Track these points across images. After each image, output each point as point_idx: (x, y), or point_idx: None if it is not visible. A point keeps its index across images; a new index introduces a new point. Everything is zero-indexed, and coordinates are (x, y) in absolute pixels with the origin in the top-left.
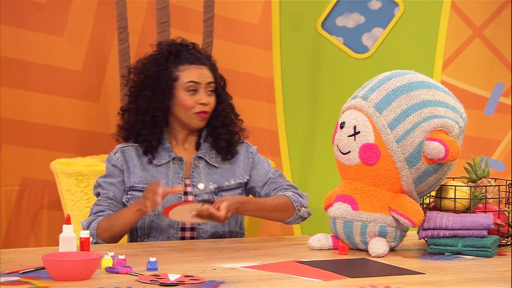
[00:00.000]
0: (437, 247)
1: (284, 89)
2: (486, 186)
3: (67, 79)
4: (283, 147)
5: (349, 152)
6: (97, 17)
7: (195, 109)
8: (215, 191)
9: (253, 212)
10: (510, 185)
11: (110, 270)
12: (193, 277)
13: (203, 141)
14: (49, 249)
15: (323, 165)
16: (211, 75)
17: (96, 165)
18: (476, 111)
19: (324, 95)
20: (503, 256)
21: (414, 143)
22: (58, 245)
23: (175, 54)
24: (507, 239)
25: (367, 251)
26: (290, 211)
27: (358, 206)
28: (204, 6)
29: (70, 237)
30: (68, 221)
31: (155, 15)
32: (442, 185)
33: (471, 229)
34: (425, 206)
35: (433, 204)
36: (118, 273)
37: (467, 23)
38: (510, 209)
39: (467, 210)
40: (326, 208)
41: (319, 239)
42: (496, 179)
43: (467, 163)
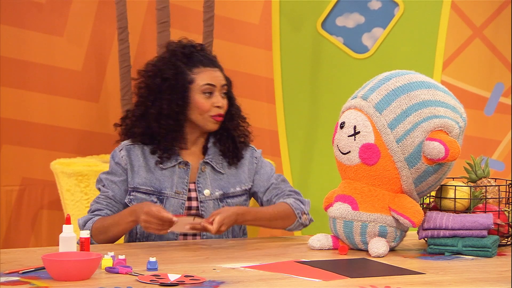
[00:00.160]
0: (437, 247)
1: (284, 89)
2: (486, 186)
3: (67, 79)
4: (283, 147)
5: (349, 152)
6: (97, 17)
7: (211, 112)
8: (221, 197)
9: (253, 221)
10: (510, 185)
11: (110, 270)
12: (193, 277)
13: (212, 145)
14: (49, 249)
15: (323, 165)
16: (223, 78)
17: (96, 165)
18: (476, 111)
19: (324, 95)
20: (503, 256)
21: (414, 143)
22: (58, 245)
23: (188, 56)
24: (507, 239)
25: (367, 251)
26: (291, 218)
27: (358, 206)
28: (204, 6)
29: (70, 237)
30: (68, 221)
31: (155, 15)
32: (442, 185)
33: (471, 229)
34: (425, 206)
35: (433, 204)
36: (118, 273)
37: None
38: (510, 209)
39: (467, 210)
40: (326, 208)
41: (319, 239)
42: (496, 179)
43: (467, 163)
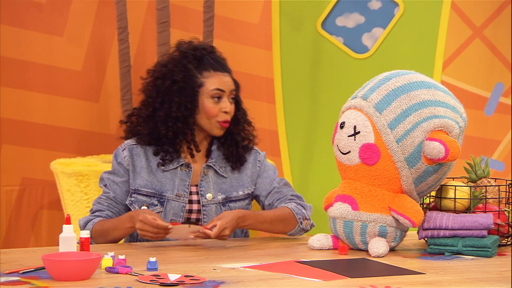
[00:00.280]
0: (437, 247)
1: (284, 89)
2: (486, 186)
3: (67, 79)
4: (283, 147)
5: (349, 152)
6: (97, 17)
7: (219, 117)
8: (223, 201)
9: (253, 225)
10: (510, 185)
11: (110, 270)
12: (193, 277)
13: (215, 149)
14: (49, 249)
15: (323, 165)
16: (232, 82)
17: (96, 165)
18: (476, 111)
19: (324, 95)
20: (503, 256)
21: (414, 143)
22: (58, 245)
23: (199, 59)
24: (507, 239)
25: (367, 251)
26: (292, 223)
27: (358, 206)
28: (204, 6)
29: (70, 237)
30: (68, 221)
31: (155, 15)
32: (442, 185)
33: (471, 229)
34: (425, 206)
35: (433, 204)
36: (118, 273)
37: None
38: (510, 209)
39: (467, 210)
40: (326, 208)
41: (319, 239)
42: (496, 179)
43: (467, 163)
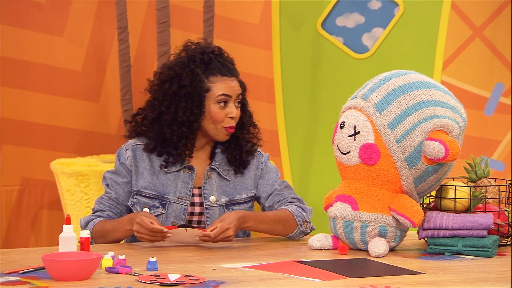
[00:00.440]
0: (437, 247)
1: (284, 89)
2: (486, 186)
3: (67, 79)
4: (283, 147)
5: (349, 152)
6: (97, 17)
7: (225, 123)
8: (227, 204)
9: (253, 227)
10: (510, 185)
11: (110, 270)
12: (193, 277)
13: (219, 152)
14: (49, 249)
15: (323, 165)
16: (239, 87)
17: (96, 165)
18: (476, 111)
19: (324, 95)
20: (503, 256)
21: (414, 143)
22: (58, 245)
23: (206, 63)
24: (507, 239)
25: (367, 251)
26: (292, 226)
27: (358, 206)
28: (204, 6)
29: (70, 237)
30: (68, 221)
31: (155, 15)
32: (442, 185)
33: (471, 229)
34: (425, 206)
35: (433, 204)
36: (118, 273)
37: (467, 23)
38: (510, 209)
39: (467, 210)
40: (326, 208)
41: (319, 239)
42: (496, 179)
43: (467, 163)
